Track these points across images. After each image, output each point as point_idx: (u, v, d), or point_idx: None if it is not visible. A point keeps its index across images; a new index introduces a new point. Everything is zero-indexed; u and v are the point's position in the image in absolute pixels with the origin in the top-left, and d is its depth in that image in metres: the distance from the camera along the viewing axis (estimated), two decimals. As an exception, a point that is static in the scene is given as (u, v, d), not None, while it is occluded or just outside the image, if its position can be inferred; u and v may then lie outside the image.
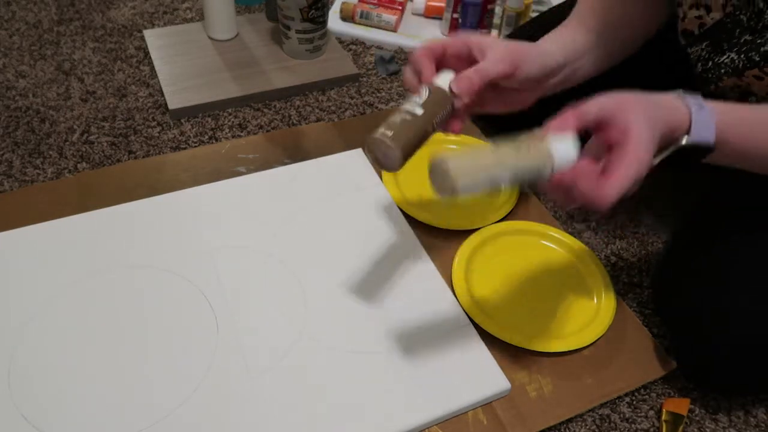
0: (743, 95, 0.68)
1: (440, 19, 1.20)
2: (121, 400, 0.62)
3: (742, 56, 0.64)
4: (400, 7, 1.19)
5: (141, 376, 0.64)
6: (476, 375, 0.67)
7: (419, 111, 0.58)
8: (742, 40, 0.64)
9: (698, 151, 0.57)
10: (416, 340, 0.69)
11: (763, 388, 0.71)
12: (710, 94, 0.69)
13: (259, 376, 0.65)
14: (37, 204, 0.81)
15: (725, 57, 0.66)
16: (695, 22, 0.68)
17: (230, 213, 0.80)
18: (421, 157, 0.91)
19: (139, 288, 0.71)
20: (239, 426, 0.61)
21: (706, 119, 0.55)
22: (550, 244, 0.81)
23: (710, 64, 0.68)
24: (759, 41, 0.62)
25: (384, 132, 0.56)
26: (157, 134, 0.95)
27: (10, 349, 0.65)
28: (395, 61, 1.11)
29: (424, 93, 0.59)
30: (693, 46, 0.70)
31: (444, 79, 0.60)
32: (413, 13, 1.22)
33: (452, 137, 0.93)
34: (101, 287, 0.71)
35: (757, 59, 0.63)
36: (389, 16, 1.16)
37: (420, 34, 1.17)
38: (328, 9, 1.08)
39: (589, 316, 0.73)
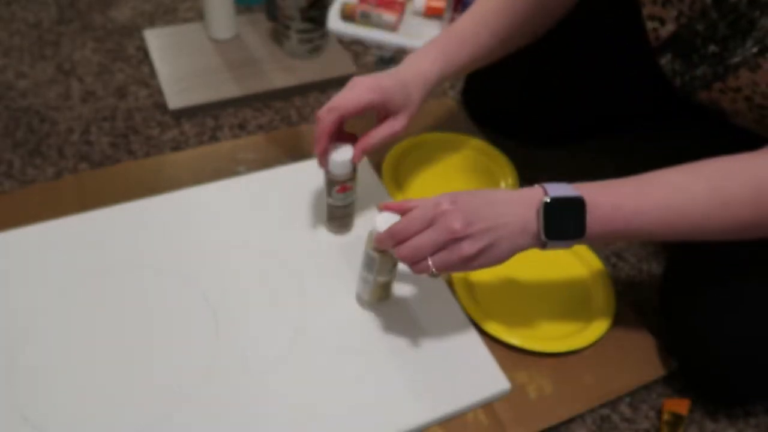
0: (720, 113, 0.68)
1: (440, 18, 1.20)
2: (121, 401, 0.62)
3: (710, 69, 0.64)
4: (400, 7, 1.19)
5: (140, 377, 0.64)
6: (476, 375, 0.67)
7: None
8: (709, 53, 0.63)
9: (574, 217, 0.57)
10: (416, 340, 0.69)
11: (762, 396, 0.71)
12: (697, 112, 0.69)
13: (259, 376, 0.65)
14: (37, 204, 0.81)
15: (698, 70, 0.65)
16: (652, 34, 0.68)
17: (230, 213, 0.80)
18: (423, 158, 0.92)
19: (138, 288, 0.71)
20: (239, 426, 0.61)
21: (561, 186, 0.58)
22: (550, 244, 0.81)
23: (687, 77, 0.67)
24: (725, 53, 0.61)
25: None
26: (157, 134, 0.95)
27: (10, 349, 0.65)
28: (395, 61, 1.11)
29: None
30: (659, 59, 0.69)
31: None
32: (413, 13, 1.22)
33: (449, 136, 0.93)
34: (101, 287, 0.71)
35: (722, 71, 0.62)
36: (389, 16, 1.16)
37: (420, 33, 1.17)
38: (328, 9, 1.08)
39: (589, 316, 0.73)
